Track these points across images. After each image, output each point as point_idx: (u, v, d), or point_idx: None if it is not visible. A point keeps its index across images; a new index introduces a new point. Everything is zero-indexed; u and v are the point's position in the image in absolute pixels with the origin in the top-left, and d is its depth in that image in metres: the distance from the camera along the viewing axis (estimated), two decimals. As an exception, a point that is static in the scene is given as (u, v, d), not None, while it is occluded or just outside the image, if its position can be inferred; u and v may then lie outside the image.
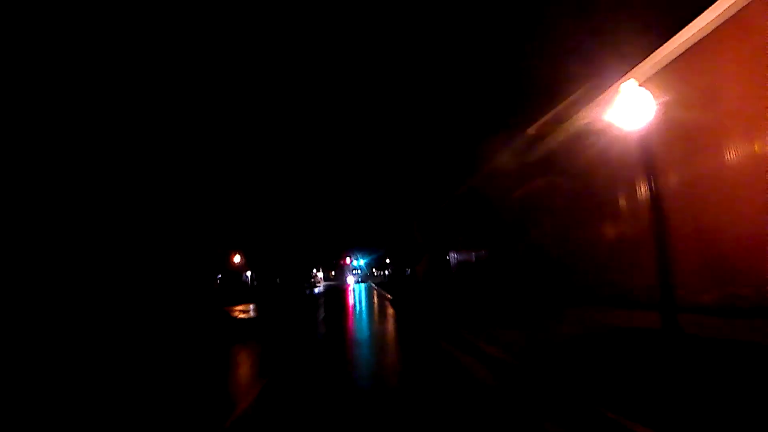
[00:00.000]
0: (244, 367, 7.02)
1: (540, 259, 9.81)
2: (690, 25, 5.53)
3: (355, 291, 37.38)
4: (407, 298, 17.70)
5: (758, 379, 3.61)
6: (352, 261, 79.31)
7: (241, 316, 16.04)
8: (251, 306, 21.06)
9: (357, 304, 18.40)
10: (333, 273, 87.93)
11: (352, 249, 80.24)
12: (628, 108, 4.62)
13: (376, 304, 17.94)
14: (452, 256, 19.41)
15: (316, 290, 47.47)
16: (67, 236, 14.13)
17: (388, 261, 55.75)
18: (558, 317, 7.92)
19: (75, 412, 4.64)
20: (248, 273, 40.78)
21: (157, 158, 19.05)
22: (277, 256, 45.49)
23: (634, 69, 6.32)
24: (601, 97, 6.66)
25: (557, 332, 6.70)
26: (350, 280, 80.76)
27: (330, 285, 68.86)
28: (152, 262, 17.48)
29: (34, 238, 13.33)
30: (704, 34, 5.49)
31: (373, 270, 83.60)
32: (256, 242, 35.83)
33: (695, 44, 5.67)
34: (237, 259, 25.45)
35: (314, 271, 71.53)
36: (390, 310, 14.46)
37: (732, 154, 5.23)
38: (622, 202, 7.14)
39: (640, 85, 4.67)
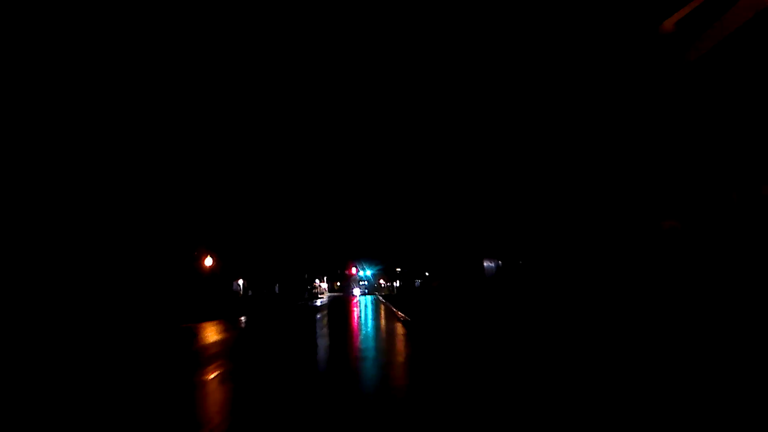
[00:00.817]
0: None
1: None
2: None
3: (361, 304, 32.57)
4: (431, 322, 12.97)
5: None
6: (358, 271, 74.42)
7: (211, 337, 11.60)
8: (242, 318, 16.54)
9: (362, 326, 13.80)
10: (338, 284, 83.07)
11: (359, 259, 75.46)
12: None
13: (384, 328, 13.30)
14: (489, 265, 14.63)
15: (319, 302, 42.77)
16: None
17: (399, 270, 50.70)
18: None
19: None
20: (240, 282, 36.22)
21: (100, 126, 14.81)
22: (274, 264, 40.92)
23: None
24: None
25: None
26: (356, 291, 75.77)
27: (334, 296, 63.98)
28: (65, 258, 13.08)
29: None
30: None
31: (380, 281, 78.51)
32: (249, 247, 31.39)
33: None
34: (209, 261, 20.60)
35: (317, 281, 66.82)
36: (407, 348, 9.75)
37: None
38: None
39: None
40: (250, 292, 37.86)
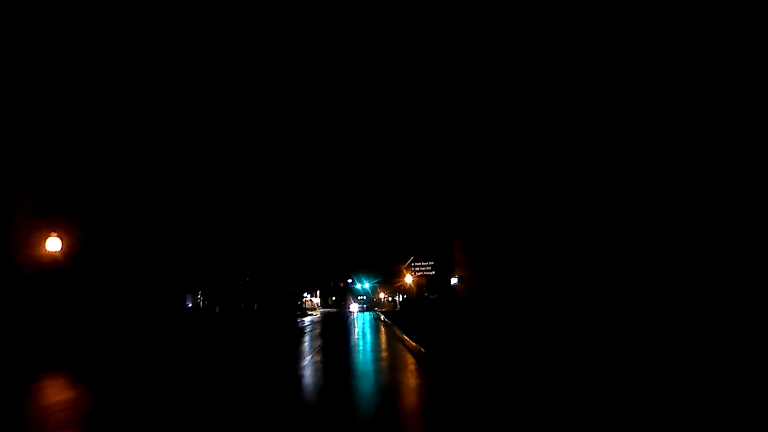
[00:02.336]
0: None
1: None
2: None
3: (357, 325, 24.54)
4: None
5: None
6: (355, 283, 65.89)
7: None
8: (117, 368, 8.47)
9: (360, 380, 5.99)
10: (333, 298, 74.50)
11: (356, 270, 67.01)
12: None
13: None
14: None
15: (308, 320, 34.60)
16: None
17: (409, 281, 42.13)
18: None
19: None
20: (199, 294, 28.18)
21: None
22: (250, 273, 32.90)
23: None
24: None
25: None
26: (354, 307, 67.03)
27: (327, 312, 55.58)
28: None
29: None
30: None
31: (381, 295, 69.85)
32: (208, 249, 23.52)
33: None
34: (54, 245, 10.48)
35: (307, 295, 58.28)
36: None
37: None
38: None
39: None
40: (217, 309, 29.76)
